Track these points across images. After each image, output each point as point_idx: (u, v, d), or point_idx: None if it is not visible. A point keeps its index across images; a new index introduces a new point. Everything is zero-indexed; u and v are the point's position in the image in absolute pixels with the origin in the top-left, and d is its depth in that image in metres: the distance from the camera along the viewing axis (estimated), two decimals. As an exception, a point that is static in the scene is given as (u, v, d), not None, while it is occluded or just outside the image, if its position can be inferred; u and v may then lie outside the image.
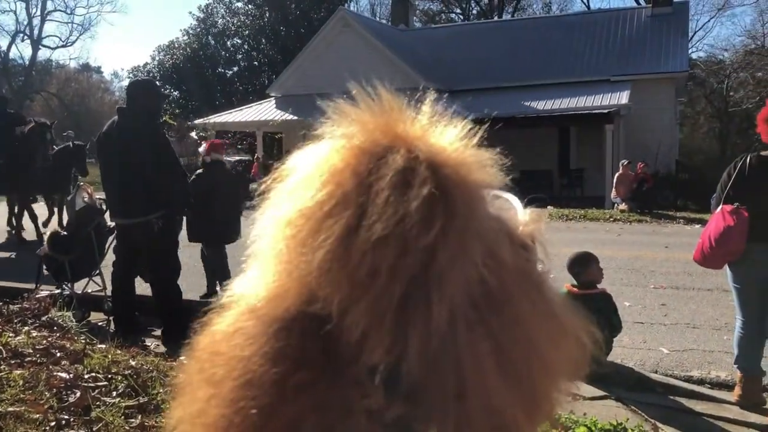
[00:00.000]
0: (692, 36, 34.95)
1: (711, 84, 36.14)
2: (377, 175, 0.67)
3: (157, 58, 40.57)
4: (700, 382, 4.98)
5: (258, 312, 0.68)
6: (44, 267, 6.42)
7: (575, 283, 4.90)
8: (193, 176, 6.87)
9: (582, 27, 25.00)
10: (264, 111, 23.79)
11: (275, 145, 27.19)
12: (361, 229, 0.65)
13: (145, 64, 41.29)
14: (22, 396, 2.87)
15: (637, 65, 21.90)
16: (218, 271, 6.81)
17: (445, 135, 0.75)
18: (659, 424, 3.87)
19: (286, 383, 0.63)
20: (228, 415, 0.64)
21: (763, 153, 4.14)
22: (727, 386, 4.81)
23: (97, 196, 6.70)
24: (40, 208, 11.78)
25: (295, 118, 21.93)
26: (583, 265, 4.89)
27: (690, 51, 28.42)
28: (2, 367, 3.18)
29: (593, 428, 3.43)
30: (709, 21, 56.68)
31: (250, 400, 0.63)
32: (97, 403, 2.91)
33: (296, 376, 0.63)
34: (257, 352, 0.65)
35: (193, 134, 22.97)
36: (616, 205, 16.61)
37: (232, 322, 0.70)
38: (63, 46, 57.53)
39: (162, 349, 5.15)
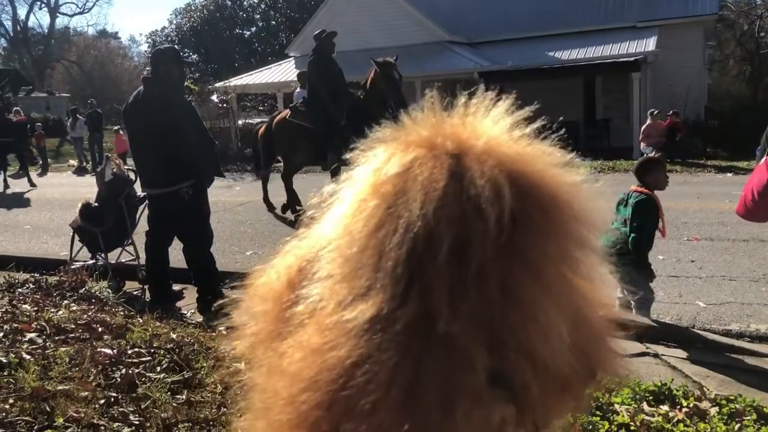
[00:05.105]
0: (721, -24, 33.76)
1: (741, 26, 34.98)
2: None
3: (174, 22, 40.41)
4: (739, 336, 4.91)
5: None
6: (77, 238, 6.49)
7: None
8: None
9: (606, -29, 24.24)
10: (284, 72, 23.53)
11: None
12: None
13: (163, 28, 41.21)
14: (69, 374, 2.91)
15: (663, 9, 21.17)
16: None
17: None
18: (703, 383, 3.83)
19: None
20: None
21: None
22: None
23: (126, 167, 6.72)
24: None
25: (316, 77, 21.67)
26: (645, 170, 5.16)
27: (719, -9, 27.38)
28: (48, 344, 3.22)
29: (637, 389, 3.39)
30: (738, -41, 54.79)
31: None
32: (143, 378, 2.94)
33: None
34: None
35: (214, 97, 22.90)
36: (645, 155, 16.30)
37: None
38: (80, 13, 57.59)
39: (198, 317, 5.21)
